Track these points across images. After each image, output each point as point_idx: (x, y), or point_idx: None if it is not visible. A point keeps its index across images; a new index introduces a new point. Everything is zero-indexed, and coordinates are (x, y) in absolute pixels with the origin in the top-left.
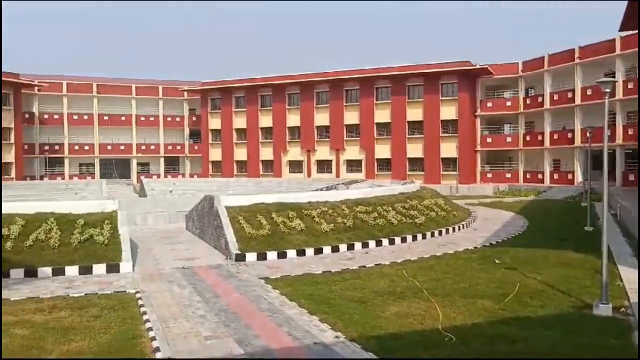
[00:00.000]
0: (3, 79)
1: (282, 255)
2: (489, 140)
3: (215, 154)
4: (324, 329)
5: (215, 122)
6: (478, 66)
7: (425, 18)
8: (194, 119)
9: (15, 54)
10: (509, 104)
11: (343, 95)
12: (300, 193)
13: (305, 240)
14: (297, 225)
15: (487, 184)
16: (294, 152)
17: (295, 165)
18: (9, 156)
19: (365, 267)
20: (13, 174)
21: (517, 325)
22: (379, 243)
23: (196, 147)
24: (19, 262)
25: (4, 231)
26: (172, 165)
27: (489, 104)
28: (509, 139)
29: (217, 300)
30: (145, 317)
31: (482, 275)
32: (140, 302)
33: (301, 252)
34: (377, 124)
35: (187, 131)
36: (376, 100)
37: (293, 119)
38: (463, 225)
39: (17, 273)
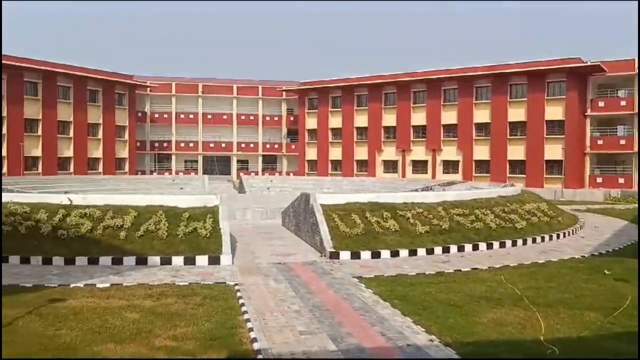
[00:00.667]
0: (119, 80)
1: (375, 255)
2: (599, 142)
3: (311, 152)
4: (418, 331)
5: (311, 122)
6: (589, 63)
7: (524, 15)
8: (291, 118)
9: (129, 57)
10: (623, 103)
11: (441, 95)
12: (394, 193)
13: (399, 241)
14: (391, 226)
15: (596, 189)
16: (389, 152)
17: (390, 165)
18: (124, 152)
19: (460, 270)
20: (127, 169)
21: (626, 341)
22: (475, 247)
23: (293, 146)
24: (131, 250)
25: (119, 221)
26: (270, 163)
27: (601, 104)
28: (622, 142)
29: (311, 296)
30: (243, 308)
31: (590, 286)
32: (238, 294)
33: (395, 253)
34: (476, 124)
35: (284, 130)
36: (475, 99)
37: (389, 119)
38: (568, 232)
39: (129, 260)
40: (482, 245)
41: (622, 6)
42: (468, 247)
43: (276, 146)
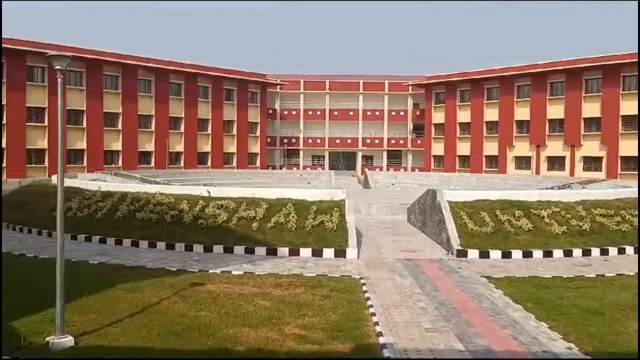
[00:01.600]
0: (253, 79)
1: (506, 255)
2: None
3: (438, 148)
4: (554, 337)
5: (438, 116)
6: None
7: None
8: (417, 113)
9: (262, 56)
10: None
11: (581, 85)
12: (528, 191)
13: (532, 241)
14: (523, 225)
15: None
16: (521, 147)
17: (522, 162)
18: (255, 147)
19: (603, 275)
20: (258, 163)
21: None
22: (621, 251)
23: (419, 141)
24: (262, 241)
25: (252, 213)
26: (395, 158)
27: None
28: None
29: (438, 294)
30: (369, 302)
31: None
32: (364, 287)
33: (527, 254)
34: (623, 116)
35: (410, 125)
36: (622, 90)
37: (521, 112)
38: None
39: (260, 250)
40: (629, 249)
41: None
42: (613, 250)
43: (401, 141)
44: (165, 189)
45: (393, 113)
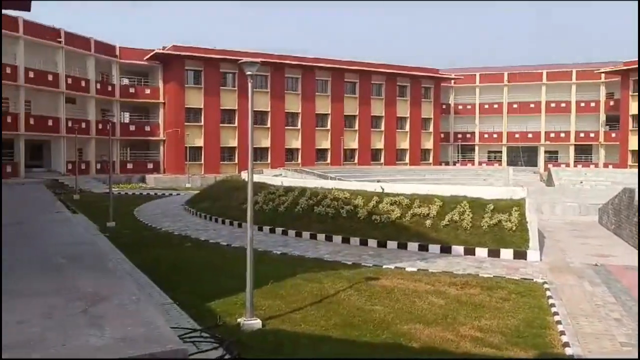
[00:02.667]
0: (426, 74)
1: None
2: None
3: (636, 142)
4: None
5: (636, 106)
6: None
7: None
8: (611, 103)
9: (435, 52)
10: None
11: None
12: None
13: None
14: None
15: None
16: None
17: None
18: (428, 143)
19: None
20: (431, 160)
21: None
22: None
23: (613, 135)
24: (436, 238)
25: (425, 210)
26: (583, 153)
27: None
28: None
29: (634, 304)
30: (553, 309)
31: None
32: (548, 292)
33: None
34: None
35: (602, 117)
36: None
37: None
38: None
39: (434, 248)
40: None
41: None
42: None
43: (591, 135)
44: (341, 184)
45: (582, 104)
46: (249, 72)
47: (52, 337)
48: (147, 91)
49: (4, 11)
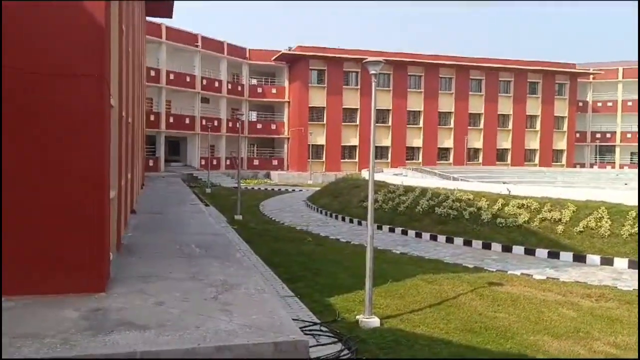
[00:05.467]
0: (560, 69)
1: None
2: None
3: None
4: None
5: None
6: None
7: None
8: None
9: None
10: None
11: None
12: None
13: None
14: None
15: None
16: None
17: None
18: (561, 143)
19: None
20: (564, 161)
21: None
22: None
23: None
24: (568, 245)
25: (556, 215)
26: None
27: None
28: None
29: None
30: None
31: None
32: None
33: None
34: None
35: None
36: None
37: None
38: None
39: (565, 256)
40: None
41: None
42: None
43: None
44: (464, 185)
45: None
46: (372, 71)
47: (188, 319)
48: (274, 91)
49: (149, 18)
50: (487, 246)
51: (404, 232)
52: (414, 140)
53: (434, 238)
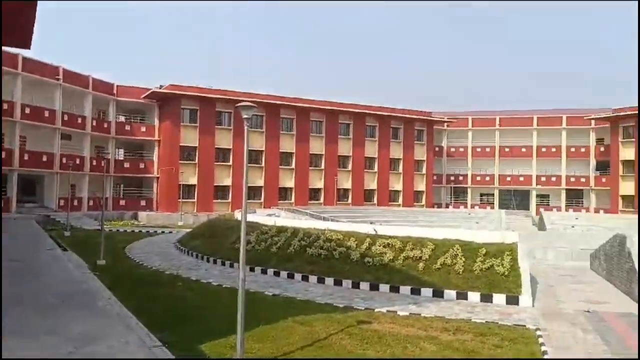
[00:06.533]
0: (420, 117)
1: None
2: None
3: (627, 187)
4: None
5: (627, 152)
6: None
7: None
8: (601, 149)
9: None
10: None
11: None
12: None
13: None
14: None
15: None
16: None
17: None
18: (421, 185)
19: None
20: (424, 201)
21: None
22: None
23: (603, 180)
24: (428, 282)
25: (418, 253)
26: (575, 198)
27: None
28: None
29: (629, 353)
30: (546, 357)
31: None
32: (540, 339)
33: None
34: None
35: (592, 162)
36: None
37: None
38: None
39: (426, 292)
40: None
41: None
42: None
43: (582, 180)
44: (334, 225)
45: (572, 149)
46: (245, 115)
47: None
48: (143, 129)
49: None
50: (356, 285)
51: (277, 273)
52: (286, 181)
53: (305, 278)
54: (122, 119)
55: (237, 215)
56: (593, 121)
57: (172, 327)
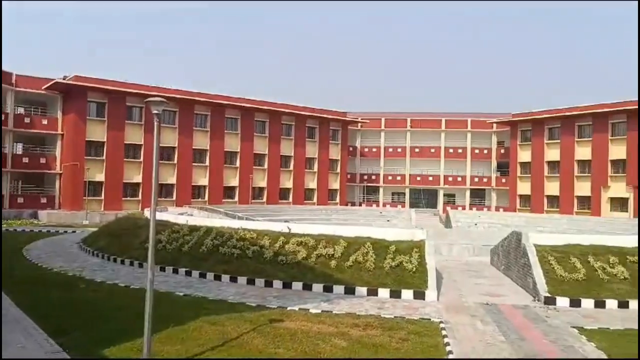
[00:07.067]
0: (335, 117)
1: (599, 304)
2: None
3: (524, 187)
4: None
5: (524, 155)
6: None
7: None
8: (502, 151)
9: (343, 94)
10: None
11: None
12: (624, 236)
13: (629, 290)
14: (619, 273)
15: None
16: (617, 188)
17: (618, 203)
18: (335, 184)
19: None
20: (338, 200)
21: None
22: None
23: (503, 180)
24: (340, 279)
25: (330, 251)
26: (478, 197)
27: None
28: None
29: (523, 343)
30: (448, 348)
31: None
32: (443, 332)
33: (623, 304)
34: None
35: (494, 163)
36: None
37: (617, 151)
38: None
39: (338, 289)
40: None
41: None
42: None
43: (485, 180)
44: (248, 224)
45: (476, 151)
46: (155, 111)
47: None
48: (45, 122)
49: None
50: (269, 284)
51: (188, 273)
52: (200, 179)
53: (218, 278)
54: (21, 110)
55: (147, 213)
56: (494, 125)
57: (75, 331)
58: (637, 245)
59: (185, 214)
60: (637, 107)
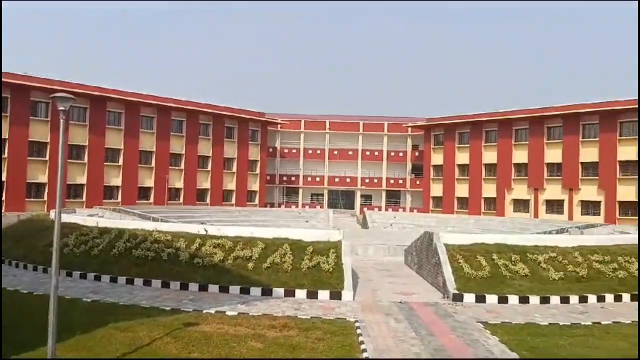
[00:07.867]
0: (253, 117)
1: (502, 300)
2: None
3: (436, 189)
4: None
5: (437, 158)
6: None
7: None
8: (416, 154)
9: (262, 95)
10: None
11: (579, 130)
12: (525, 235)
13: (529, 286)
14: (520, 270)
15: None
16: (520, 190)
17: (521, 204)
18: (255, 185)
19: (600, 323)
20: (257, 201)
21: None
22: (618, 298)
23: (417, 182)
24: (257, 281)
25: (248, 253)
26: (393, 198)
27: None
28: None
29: (433, 339)
30: (362, 346)
31: None
32: (358, 330)
33: (524, 299)
34: (620, 162)
35: (409, 166)
36: (619, 135)
37: (520, 155)
38: None
39: (255, 291)
40: (626, 297)
41: None
42: (609, 297)
43: (400, 182)
44: (163, 226)
45: (392, 154)
46: (61, 107)
47: None
48: None
49: None
50: (184, 286)
51: (98, 278)
52: (112, 179)
53: (130, 282)
54: None
55: (53, 215)
56: (409, 129)
57: None
58: (535, 243)
59: (96, 215)
60: (536, 115)
